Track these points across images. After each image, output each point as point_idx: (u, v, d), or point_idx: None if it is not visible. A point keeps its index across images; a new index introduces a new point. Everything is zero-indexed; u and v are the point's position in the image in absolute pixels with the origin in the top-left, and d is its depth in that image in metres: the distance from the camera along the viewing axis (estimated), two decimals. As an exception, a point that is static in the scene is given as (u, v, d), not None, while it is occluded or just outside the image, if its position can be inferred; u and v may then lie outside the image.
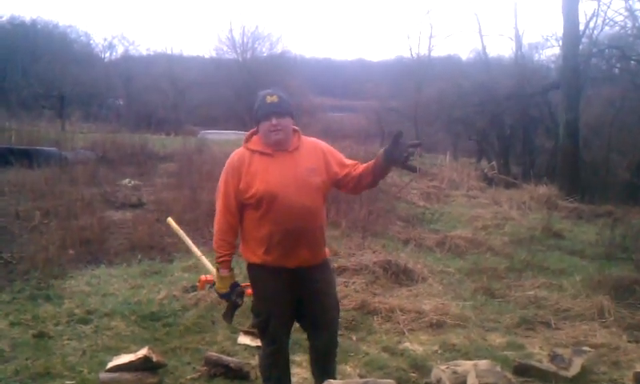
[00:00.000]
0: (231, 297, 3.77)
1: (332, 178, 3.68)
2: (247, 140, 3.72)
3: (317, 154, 3.67)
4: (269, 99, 3.57)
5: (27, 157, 14.12)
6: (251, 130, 3.74)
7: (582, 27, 22.03)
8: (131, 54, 57.12)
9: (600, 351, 5.29)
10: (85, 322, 5.52)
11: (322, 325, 3.79)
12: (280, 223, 3.51)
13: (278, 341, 3.77)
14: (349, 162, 3.74)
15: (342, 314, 5.83)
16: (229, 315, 3.92)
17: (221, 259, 3.71)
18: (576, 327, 5.97)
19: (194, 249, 5.39)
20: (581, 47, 21.88)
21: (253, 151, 3.62)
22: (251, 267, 3.72)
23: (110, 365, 4.38)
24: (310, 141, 3.77)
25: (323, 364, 3.88)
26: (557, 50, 30.76)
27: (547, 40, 34.24)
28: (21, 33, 41.99)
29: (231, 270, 3.76)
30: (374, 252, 8.08)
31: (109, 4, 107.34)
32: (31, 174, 12.52)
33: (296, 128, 3.72)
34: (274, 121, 3.53)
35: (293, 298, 3.71)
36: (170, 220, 5.69)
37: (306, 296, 3.73)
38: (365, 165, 3.66)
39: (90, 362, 4.69)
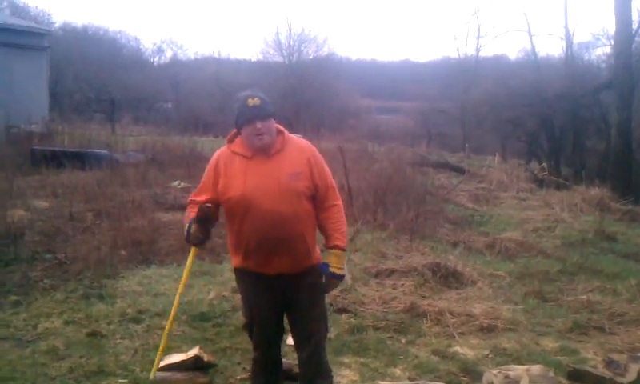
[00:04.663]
0: (202, 215, 3.53)
1: (315, 186, 3.55)
2: (231, 140, 3.61)
3: (301, 159, 3.53)
4: (251, 102, 3.43)
5: (79, 159, 14.44)
6: (234, 131, 3.61)
7: (634, 26, 21.58)
8: (180, 58, 57.79)
9: (657, 357, 5.14)
10: (137, 321, 5.60)
11: (304, 336, 3.69)
12: (255, 230, 3.43)
13: (261, 347, 3.72)
14: (331, 188, 3.65)
15: (390, 316, 5.87)
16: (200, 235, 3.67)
17: (192, 214, 3.59)
18: (631, 332, 5.82)
19: None
20: (634, 46, 21.41)
21: (234, 153, 3.53)
22: (235, 270, 3.73)
23: (162, 364, 4.43)
24: (296, 143, 3.63)
25: (307, 380, 3.77)
26: (607, 49, 30.29)
27: (598, 39, 33.50)
28: (72, 39, 42.89)
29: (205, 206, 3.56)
30: (422, 254, 8.02)
31: (158, 9, 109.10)
32: (83, 176, 12.79)
33: (281, 128, 3.59)
34: (258, 125, 3.41)
35: (276, 304, 3.64)
36: None
37: (289, 304, 3.65)
38: (329, 227, 3.64)
39: (142, 360, 4.75)
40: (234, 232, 3.55)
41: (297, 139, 3.68)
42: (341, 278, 3.68)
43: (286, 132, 3.60)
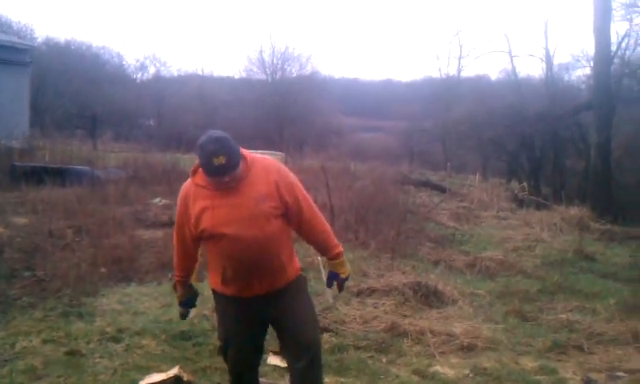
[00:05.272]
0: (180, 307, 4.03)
1: (284, 204, 3.48)
2: (194, 173, 3.51)
3: (268, 180, 3.45)
4: (216, 162, 3.25)
5: (60, 175, 14.35)
6: (196, 163, 3.48)
7: (613, 48, 21.91)
8: (163, 74, 57.65)
9: (635, 376, 5.18)
10: (116, 340, 5.54)
11: (298, 346, 3.56)
12: (231, 259, 3.40)
13: (235, 372, 3.70)
14: (303, 199, 3.58)
15: (371, 335, 5.86)
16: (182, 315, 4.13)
17: (176, 279, 3.91)
18: (610, 352, 5.86)
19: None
20: (612, 67, 21.72)
21: (197, 185, 3.46)
22: (213, 292, 3.73)
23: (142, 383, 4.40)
24: (260, 163, 3.52)
25: None
26: (587, 71, 30.73)
27: (578, 60, 34.05)
28: (55, 54, 42.67)
29: (185, 287, 3.95)
30: (403, 273, 8.02)
31: (141, 26, 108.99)
32: (64, 193, 12.70)
33: (244, 154, 3.46)
34: (225, 179, 3.32)
35: (255, 325, 3.61)
36: None
37: (275, 317, 3.57)
38: (320, 239, 3.74)
39: (121, 380, 4.70)
40: (213, 259, 3.55)
41: (261, 159, 3.59)
42: (348, 278, 3.86)
43: (249, 155, 3.50)
